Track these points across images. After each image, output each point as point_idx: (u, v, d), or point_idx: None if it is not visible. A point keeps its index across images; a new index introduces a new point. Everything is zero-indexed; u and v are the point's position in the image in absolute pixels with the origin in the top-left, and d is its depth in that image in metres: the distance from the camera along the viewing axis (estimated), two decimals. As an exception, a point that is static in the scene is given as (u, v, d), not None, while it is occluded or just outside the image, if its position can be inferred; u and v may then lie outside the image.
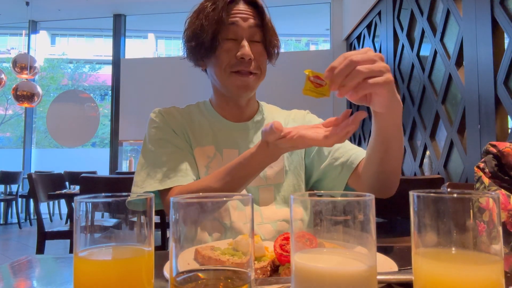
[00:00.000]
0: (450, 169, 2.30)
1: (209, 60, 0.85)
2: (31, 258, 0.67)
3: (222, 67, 0.82)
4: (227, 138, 0.88)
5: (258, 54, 0.83)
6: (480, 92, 1.95)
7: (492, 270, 0.31)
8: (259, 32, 0.83)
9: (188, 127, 0.88)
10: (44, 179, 2.58)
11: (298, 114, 0.96)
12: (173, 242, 0.33)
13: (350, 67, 0.54)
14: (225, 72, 0.82)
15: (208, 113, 0.91)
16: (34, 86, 4.78)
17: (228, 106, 0.90)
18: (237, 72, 0.81)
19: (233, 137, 0.88)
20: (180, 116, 0.89)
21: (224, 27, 0.81)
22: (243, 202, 0.35)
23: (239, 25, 0.81)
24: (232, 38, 0.82)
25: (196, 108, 0.93)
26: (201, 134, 0.87)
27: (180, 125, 0.87)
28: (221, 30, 0.81)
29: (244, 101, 0.89)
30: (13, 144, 9.77)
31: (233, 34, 0.81)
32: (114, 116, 5.22)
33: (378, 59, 0.56)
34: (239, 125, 0.89)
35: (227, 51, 0.81)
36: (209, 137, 0.87)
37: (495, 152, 0.75)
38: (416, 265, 0.34)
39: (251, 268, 0.33)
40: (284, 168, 0.88)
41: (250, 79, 0.82)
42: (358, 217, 0.32)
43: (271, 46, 0.85)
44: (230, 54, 0.81)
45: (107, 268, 0.38)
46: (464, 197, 0.32)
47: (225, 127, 0.89)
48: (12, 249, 3.88)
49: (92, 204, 0.37)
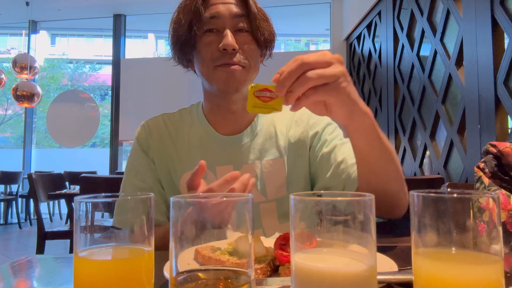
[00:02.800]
0: (450, 169, 2.30)
1: (193, 57, 0.79)
2: (31, 258, 0.67)
3: (205, 63, 0.75)
4: (219, 154, 0.80)
5: (244, 44, 0.74)
6: (480, 92, 1.95)
7: (492, 270, 0.31)
8: (245, 20, 0.75)
9: (174, 148, 0.81)
10: (44, 179, 2.58)
11: (303, 116, 0.84)
12: (173, 242, 0.33)
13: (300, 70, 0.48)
14: (208, 68, 0.75)
15: (200, 122, 0.83)
16: (34, 86, 4.78)
17: (220, 112, 0.81)
18: (221, 65, 0.74)
19: (226, 152, 0.80)
20: (167, 132, 0.82)
21: (203, 17, 0.74)
22: (243, 202, 0.34)
23: (220, 14, 0.74)
24: (214, 30, 0.74)
25: (188, 116, 0.86)
26: (189, 152, 0.80)
27: (161, 149, 0.81)
28: (199, 22, 0.74)
29: (236, 103, 0.80)
30: (13, 144, 9.77)
31: (214, 25, 0.74)
32: (114, 116, 5.22)
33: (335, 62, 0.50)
34: (232, 139, 0.81)
35: (208, 44, 0.74)
36: (197, 157, 0.79)
37: (495, 152, 0.75)
38: (416, 265, 0.34)
39: (251, 268, 0.33)
40: (286, 181, 0.80)
41: (236, 71, 0.73)
42: (358, 217, 0.32)
43: (260, 34, 0.76)
44: (212, 47, 0.74)
45: (107, 268, 0.38)
46: (464, 197, 0.32)
47: (216, 142, 0.81)
48: (12, 249, 3.88)
49: (92, 204, 0.37)
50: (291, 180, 0.80)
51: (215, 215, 0.52)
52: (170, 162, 0.81)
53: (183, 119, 0.86)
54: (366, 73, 3.91)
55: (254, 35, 0.76)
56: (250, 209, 0.34)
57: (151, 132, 0.83)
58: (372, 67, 3.73)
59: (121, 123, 5.18)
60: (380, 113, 3.44)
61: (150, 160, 0.82)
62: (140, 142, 0.83)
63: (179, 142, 0.82)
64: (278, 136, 0.83)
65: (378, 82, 3.55)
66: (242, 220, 0.34)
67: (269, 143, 0.82)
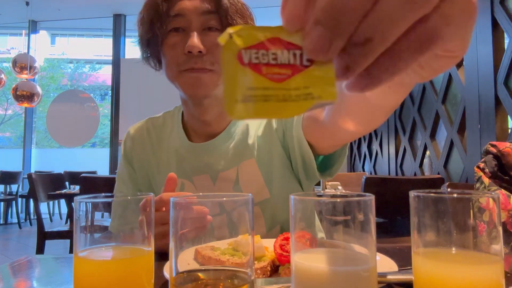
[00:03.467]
0: (450, 169, 2.30)
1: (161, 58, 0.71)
2: (31, 258, 0.67)
3: (170, 67, 0.68)
4: (194, 164, 0.75)
5: (213, 44, 0.65)
6: (480, 92, 1.95)
7: (492, 270, 0.31)
8: (215, 17, 0.66)
9: (154, 157, 0.78)
10: (44, 179, 2.58)
11: None
12: (173, 242, 0.33)
13: None
14: (174, 73, 0.68)
15: (177, 130, 0.79)
16: (34, 86, 4.78)
17: (194, 120, 0.76)
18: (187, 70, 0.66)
19: (201, 162, 0.75)
20: (149, 140, 0.80)
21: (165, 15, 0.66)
22: (243, 202, 0.34)
23: (185, 11, 0.65)
24: (179, 29, 0.66)
25: (170, 120, 0.81)
26: (168, 165, 0.77)
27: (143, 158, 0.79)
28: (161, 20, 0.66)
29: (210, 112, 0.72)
30: (13, 144, 9.77)
31: (179, 23, 0.66)
32: (114, 116, 5.22)
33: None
34: (206, 146, 0.75)
35: (173, 46, 0.66)
36: (174, 168, 0.75)
37: (495, 152, 0.75)
38: (416, 265, 0.34)
39: (251, 268, 0.33)
40: (265, 182, 0.73)
41: (203, 76, 0.66)
42: (358, 217, 0.32)
43: None
44: (177, 49, 0.66)
45: (107, 268, 0.38)
46: (464, 197, 0.32)
47: (191, 152, 0.75)
48: (12, 249, 3.88)
49: (92, 204, 0.37)
50: (270, 180, 0.73)
51: None
52: (150, 172, 0.79)
53: (166, 126, 0.82)
54: (366, 73, 3.90)
55: None
56: (250, 209, 0.34)
57: (134, 140, 0.81)
58: (372, 67, 3.73)
59: (121, 123, 5.18)
60: (380, 113, 3.44)
61: (132, 169, 0.81)
62: (124, 152, 0.82)
63: (160, 151, 0.79)
64: (249, 134, 0.75)
65: (378, 82, 3.54)
66: (242, 220, 0.34)
67: (242, 145, 0.75)
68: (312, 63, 0.21)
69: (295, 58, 0.21)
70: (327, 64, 0.21)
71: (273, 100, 0.21)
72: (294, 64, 0.21)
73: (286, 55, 0.21)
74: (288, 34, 0.21)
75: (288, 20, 0.21)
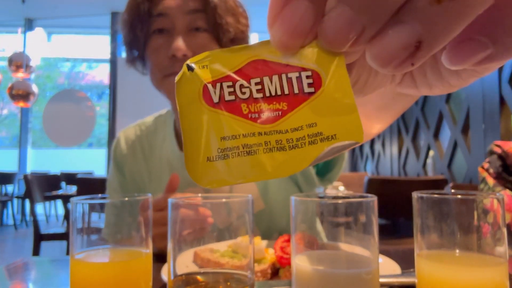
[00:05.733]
0: (454, 169, 2.30)
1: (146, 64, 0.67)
2: (27, 260, 0.66)
3: (153, 71, 0.64)
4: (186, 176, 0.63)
5: (201, 47, 0.60)
6: (484, 91, 1.95)
7: (497, 272, 0.31)
8: (202, 17, 0.60)
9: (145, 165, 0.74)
10: (40, 180, 2.57)
11: None
12: (171, 244, 0.33)
13: None
14: (157, 78, 0.63)
15: (169, 138, 0.74)
16: (30, 85, 4.75)
17: None
18: (171, 75, 0.61)
19: None
20: (140, 147, 0.75)
21: (147, 15, 0.61)
22: (243, 203, 0.34)
23: (168, 10, 0.60)
24: (163, 30, 0.61)
25: (162, 127, 0.77)
26: (161, 171, 0.73)
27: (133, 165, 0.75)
28: (142, 20, 0.61)
29: None
30: (8, 144, 9.70)
31: (162, 24, 0.61)
32: (111, 115, 5.20)
33: None
34: None
35: (156, 49, 0.62)
36: (166, 176, 0.71)
37: (500, 152, 0.74)
38: (419, 268, 0.33)
39: (251, 270, 0.33)
40: (260, 193, 0.69)
41: None
42: (360, 219, 0.31)
43: (223, 32, 0.60)
44: (160, 53, 0.61)
45: (104, 270, 0.37)
46: (468, 198, 0.31)
47: (183, 163, 0.71)
48: (8, 251, 3.85)
49: (88, 205, 0.37)
50: (265, 190, 0.70)
51: None
52: (141, 181, 0.75)
53: (157, 132, 0.77)
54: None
55: (215, 34, 0.61)
56: (250, 211, 0.33)
57: (125, 147, 0.77)
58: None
59: (118, 122, 5.16)
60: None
61: (122, 176, 0.77)
62: (114, 156, 0.78)
63: (151, 159, 0.75)
64: None
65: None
66: (242, 222, 0.33)
67: None
68: (318, 87, 0.14)
69: (291, 85, 0.15)
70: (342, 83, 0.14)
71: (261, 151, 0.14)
72: (290, 93, 0.15)
73: (277, 83, 0.15)
74: (276, 53, 0.15)
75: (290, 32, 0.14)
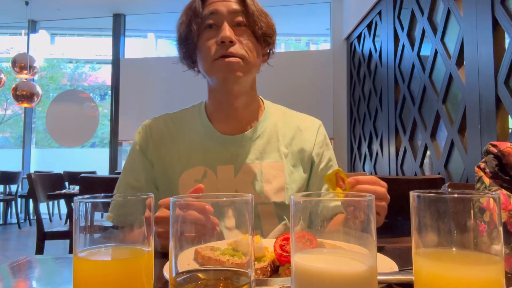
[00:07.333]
0: (450, 169, 2.30)
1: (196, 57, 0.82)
2: (31, 258, 0.67)
3: (205, 58, 0.78)
4: (220, 154, 0.81)
5: (242, 37, 0.77)
6: (481, 92, 1.95)
7: (493, 270, 0.31)
8: (242, 15, 0.78)
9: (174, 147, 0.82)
10: (43, 179, 2.58)
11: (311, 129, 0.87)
12: (172, 242, 0.33)
13: (374, 184, 0.60)
14: (208, 63, 0.78)
15: (202, 122, 0.85)
16: (34, 86, 4.77)
17: (222, 109, 0.83)
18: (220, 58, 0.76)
19: (227, 152, 0.81)
20: (168, 132, 0.84)
21: (202, 15, 0.78)
22: (243, 202, 0.34)
23: (218, 10, 0.78)
24: (213, 25, 0.78)
25: (190, 116, 0.87)
26: (190, 153, 0.81)
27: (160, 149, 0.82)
28: (198, 19, 0.78)
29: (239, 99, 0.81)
30: (12, 144, 9.76)
31: (213, 20, 0.78)
32: (113, 116, 5.22)
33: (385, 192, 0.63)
34: (233, 138, 0.82)
35: (208, 39, 0.78)
36: (198, 156, 0.81)
37: (496, 152, 0.74)
38: (417, 266, 0.34)
39: (251, 268, 0.33)
40: (285, 186, 0.81)
41: (234, 63, 0.75)
42: (359, 217, 0.32)
43: (258, 28, 0.78)
44: (211, 42, 0.77)
45: (106, 268, 0.37)
46: (465, 197, 0.31)
47: (218, 142, 0.82)
48: (12, 250, 3.88)
49: (91, 204, 0.37)
50: (289, 186, 0.81)
51: None
52: (169, 162, 0.82)
53: (185, 119, 0.87)
54: (366, 72, 3.90)
55: (252, 29, 0.78)
56: (250, 210, 0.34)
57: (151, 132, 0.84)
58: (372, 67, 3.73)
59: (121, 123, 5.18)
60: (381, 113, 3.44)
61: (147, 160, 0.83)
62: (139, 142, 0.84)
63: (180, 141, 0.83)
64: (280, 141, 0.85)
65: (378, 81, 3.55)
66: (242, 220, 0.34)
67: (270, 146, 0.83)
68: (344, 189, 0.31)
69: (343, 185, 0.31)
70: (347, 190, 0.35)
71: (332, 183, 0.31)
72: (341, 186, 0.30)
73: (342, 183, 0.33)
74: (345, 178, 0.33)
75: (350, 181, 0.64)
